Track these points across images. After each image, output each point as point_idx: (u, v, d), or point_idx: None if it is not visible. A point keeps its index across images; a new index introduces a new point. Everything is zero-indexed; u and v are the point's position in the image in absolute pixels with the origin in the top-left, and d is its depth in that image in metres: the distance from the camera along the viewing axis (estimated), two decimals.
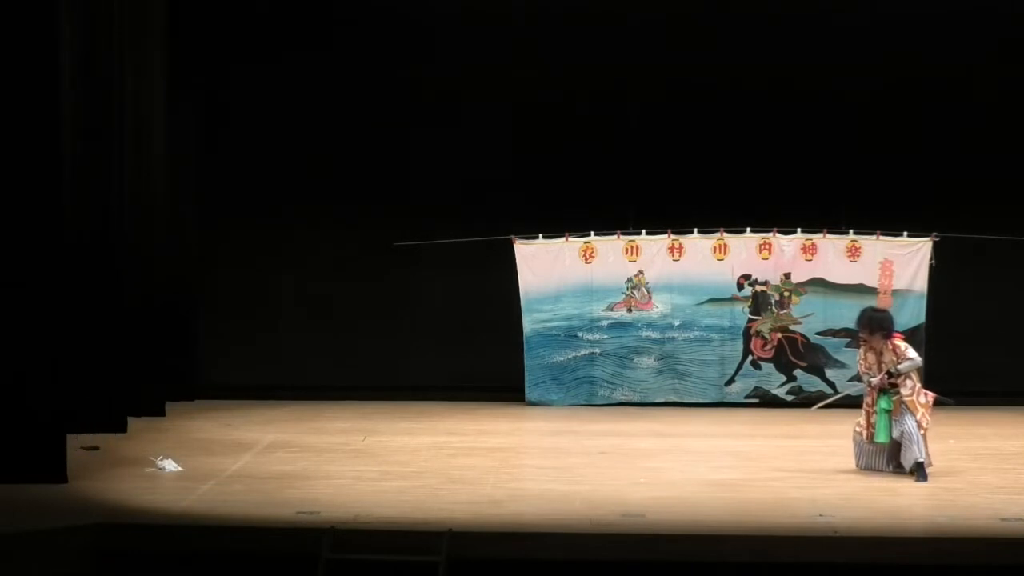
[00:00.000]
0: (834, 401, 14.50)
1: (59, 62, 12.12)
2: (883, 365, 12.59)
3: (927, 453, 12.48)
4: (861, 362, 12.84)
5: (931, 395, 12.63)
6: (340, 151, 17.85)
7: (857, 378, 13.43)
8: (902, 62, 17.57)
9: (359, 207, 17.83)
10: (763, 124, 17.63)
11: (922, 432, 12.42)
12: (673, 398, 17.47)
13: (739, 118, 17.64)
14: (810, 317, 17.42)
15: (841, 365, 17.21)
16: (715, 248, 17.44)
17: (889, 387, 12.55)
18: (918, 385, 12.58)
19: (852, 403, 14.61)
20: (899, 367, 12.50)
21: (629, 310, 17.52)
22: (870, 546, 10.22)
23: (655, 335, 17.50)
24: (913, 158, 17.60)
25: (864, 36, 17.55)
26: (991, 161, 17.64)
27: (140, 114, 15.48)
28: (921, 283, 17.20)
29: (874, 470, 12.65)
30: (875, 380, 12.64)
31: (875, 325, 12.72)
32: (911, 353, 12.55)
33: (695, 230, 17.44)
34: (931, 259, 17.11)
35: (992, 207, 17.43)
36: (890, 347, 12.58)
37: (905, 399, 12.47)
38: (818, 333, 17.40)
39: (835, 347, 17.35)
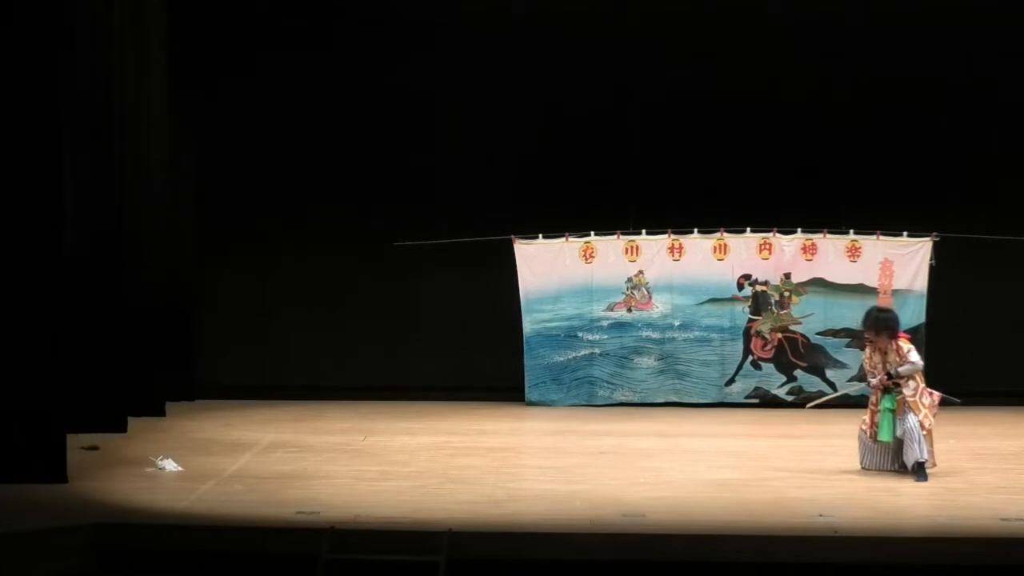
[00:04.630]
0: (828, 400, 14.54)
1: (59, 63, 12.13)
2: (887, 365, 12.59)
3: (931, 453, 12.48)
4: (866, 361, 12.84)
5: (936, 395, 12.64)
6: (340, 151, 17.84)
7: (857, 378, 13.45)
8: (903, 62, 17.56)
9: (359, 207, 17.83)
10: (763, 124, 17.63)
11: (924, 432, 12.42)
12: (673, 398, 17.46)
13: (739, 118, 17.63)
14: (810, 317, 17.41)
15: (842, 365, 17.21)
16: (715, 248, 17.44)
17: (893, 386, 12.55)
18: (921, 386, 12.57)
19: (849, 403, 14.68)
20: (899, 370, 12.51)
21: (629, 310, 17.52)
22: (870, 546, 10.23)
23: (655, 335, 17.50)
24: (913, 158, 17.59)
25: (865, 36, 17.55)
26: (991, 161, 17.64)
27: (140, 114, 15.48)
28: (921, 283, 17.20)
29: (878, 469, 12.65)
30: (874, 380, 12.65)
31: (880, 325, 12.72)
32: (913, 356, 12.53)
33: (695, 230, 17.44)
34: (931, 259, 17.11)
35: (992, 207, 17.43)
36: (894, 347, 12.58)
37: (908, 399, 12.48)
38: (818, 333, 17.40)
39: (835, 347, 17.34)
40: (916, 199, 17.50)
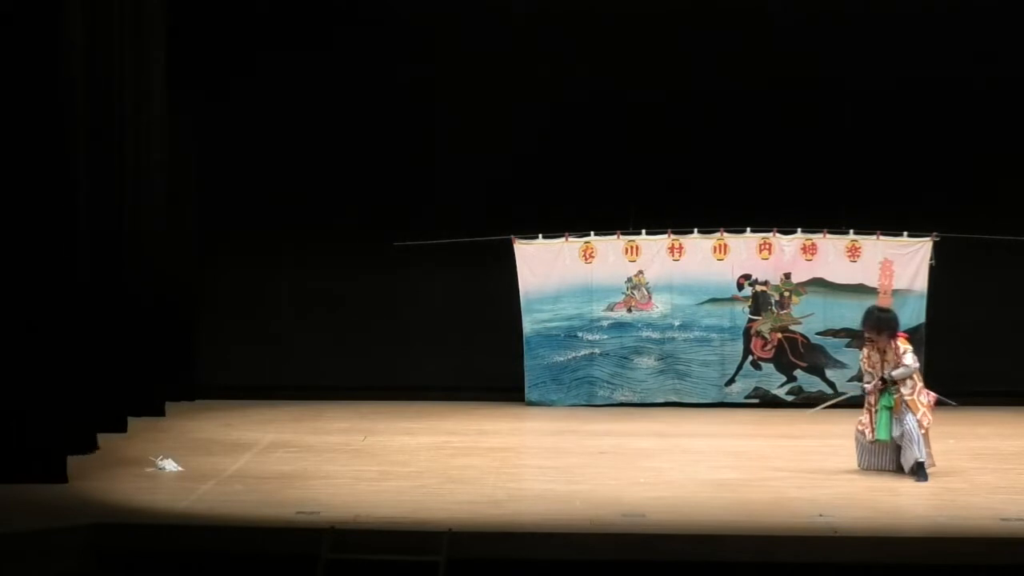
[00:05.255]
0: (836, 403, 14.54)
1: (60, 63, 12.14)
2: (885, 364, 12.59)
3: (929, 454, 12.48)
4: (864, 360, 12.84)
5: (933, 395, 12.64)
6: (340, 151, 17.85)
7: (857, 378, 13.46)
8: (902, 62, 17.56)
9: (359, 207, 17.83)
10: (763, 124, 17.64)
11: (923, 432, 12.42)
12: (673, 398, 17.46)
13: (739, 118, 17.64)
14: (810, 317, 17.41)
15: (841, 365, 17.21)
16: (715, 248, 17.43)
17: (891, 385, 12.55)
18: (919, 385, 12.58)
19: (853, 403, 14.64)
20: (893, 373, 12.51)
21: (629, 310, 17.51)
22: (870, 546, 10.23)
23: (655, 335, 17.49)
24: (913, 158, 17.59)
25: (865, 36, 17.56)
26: (991, 161, 17.64)
27: (140, 115, 15.49)
28: (921, 283, 17.19)
29: (876, 469, 12.65)
30: (868, 386, 12.66)
31: (882, 325, 12.73)
32: (908, 359, 12.52)
33: (695, 230, 17.43)
34: (931, 259, 17.10)
35: (992, 207, 17.43)
36: (892, 347, 12.58)
37: (906, 398, 12.48)
38: (818, 333, 17.39)
39: (835, 347, 17.34)
40: (916, 199, 17.51)
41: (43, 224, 11.91)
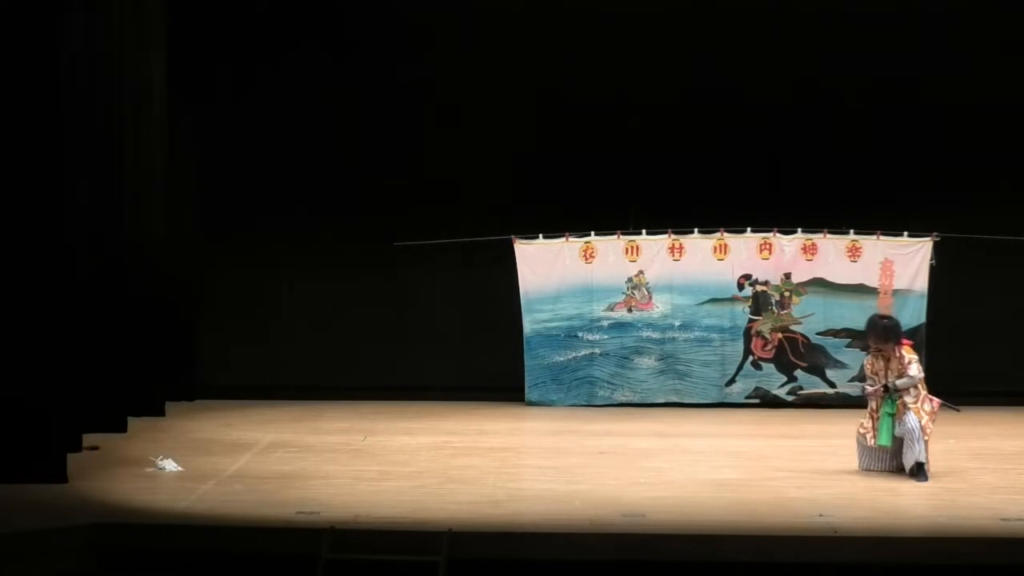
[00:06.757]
0: (820, 395, 14.53)
1: (60, 64, 12.14)
2: (889, 372, 12.56)
3: (928, 460, 12.45)
4: (868, 366, 12.82)
5: (936, 401, 12.62)
6: (340, 151, 17.84)
7: (858, 378, 13.46)
8: (902, 62, 17.56)
9: (359, 207, 17.83)
10: (763, 124, 17.62)
11: (924, 438, 12.40)
12: (674, 398, 17.45)
13: (739, 118, 17.63)
14: (810, 317, 17.40)
15: (842, 365, 17.20)
16: (715, 248, 17.43)
17: (894, 391, 12.53)
18: (923, 393, 12.54)
19: (847, 403, 14.68)
20: (897, 383, 12.50)
21: (629, 310, 17.51)
22: (870, 546, 10.23)
23: (655, 335, 17.49)
24: (913, 158, 17.59)
25: (864, 36, 17.55)
26: (991, 161, 17.64)
27: (140, 115, 15.49)
28: (921, 283, 17.19)
29: (877, 471, 12.65)
30: (870, 389, 12.66)
31: (888, 333, 12.71)
32: (912, 370, 12.48)
33: (695, 230, 17.43)
34: (931, 259, 17.10)
35: (992, 207, 17.42)
36: (897, 355, 12.56)
37: (910, 406, 12.45)
38: (819, 333, 17.38)
39: (836, 347, 17.33)
40: (916, 199, 17.50)
41: (43, 224, 11.90)
